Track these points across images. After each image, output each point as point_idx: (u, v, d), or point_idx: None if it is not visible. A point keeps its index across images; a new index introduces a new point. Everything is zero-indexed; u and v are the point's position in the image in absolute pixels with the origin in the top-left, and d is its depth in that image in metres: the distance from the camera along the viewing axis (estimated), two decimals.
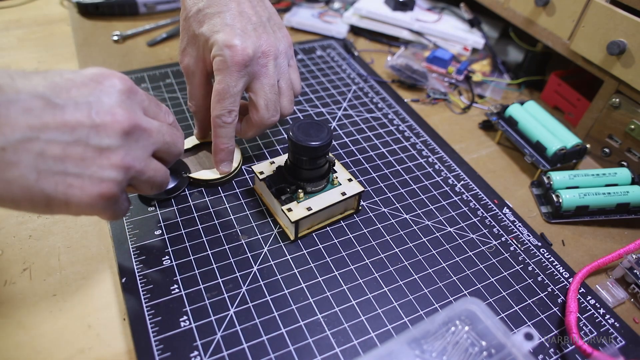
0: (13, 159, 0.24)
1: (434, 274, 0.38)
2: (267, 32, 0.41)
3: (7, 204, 0.26)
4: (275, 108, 0.42)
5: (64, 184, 0.26)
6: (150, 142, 0.31)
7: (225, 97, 0.39)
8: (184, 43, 0.42)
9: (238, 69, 0.38)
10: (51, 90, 0.26)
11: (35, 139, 0.25)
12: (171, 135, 0.33)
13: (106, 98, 0.28)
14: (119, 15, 0.69)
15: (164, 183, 0.34)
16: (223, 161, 0.42)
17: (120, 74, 0.30)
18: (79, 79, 0.28)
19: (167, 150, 0.33)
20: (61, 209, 0.27)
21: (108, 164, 0.28)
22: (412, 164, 0.49)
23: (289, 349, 0.33)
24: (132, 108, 0.29)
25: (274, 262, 0.38)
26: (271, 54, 0.40)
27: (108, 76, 0.29)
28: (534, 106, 0.53)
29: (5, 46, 0.62)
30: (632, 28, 0.45)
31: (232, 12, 0.39)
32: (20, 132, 0.24)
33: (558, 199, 0.44)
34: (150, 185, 0.32)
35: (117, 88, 0.29)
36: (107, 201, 0.29)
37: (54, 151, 0.26)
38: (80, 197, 0.27)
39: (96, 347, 0.32)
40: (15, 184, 0.25)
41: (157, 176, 0.32)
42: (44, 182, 0.26)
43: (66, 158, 0.26)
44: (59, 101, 0.26)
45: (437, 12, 0.72)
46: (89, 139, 0.27)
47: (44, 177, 0.25)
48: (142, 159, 0.30)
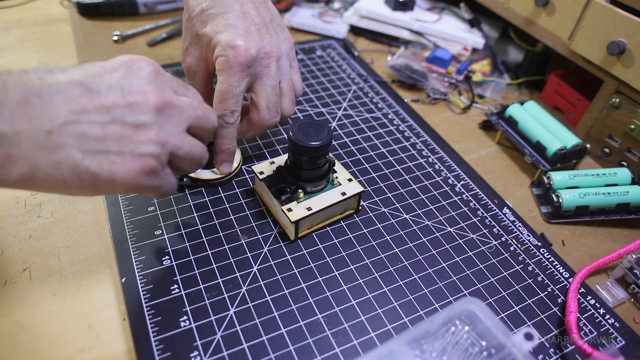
0: (59, 141, 0.26)
1: (434, 274, 0.38)
2: (270, 33, 0.41)
3: (59, 186, 0.28)
4: (277, 109, 0.42)
5: (107, 161, 0.28)
6: (183, 118, 0.32)
7: (228, 98, 0.39)
8: (187, 43, 0.42)
9: (241, 70, 0.38)
10: (87, 78, 0.28)
11: (76, 121, 0.27)
12: (202, 109, 0.35)
13: (136, 79, 0.30)
14: (119, 15, 0.69)
15: (203, 158, 0.35)
16: (224, 162, 0.42)
17: (147, 58, 0.32)
18: (109, 65, 0.30)
19: (200, 124, 0.34)
20: (108, 187, 0.29)
21: (145, 139, 0.30)
22: (412, 164, 0.49)
23: (289, 349, 0.33)
24: (161, 87, 0.31)
25: (274, 262, 0.38)
26: (274, 55, 0.41)
27: (136, 60, 0.31)
28: (534, 106, 0.53)
29: (5, 46, 0.62)
30: (632, 28, 0.45)
31: (235, 12, 0.40)
32: (63, 117, 0.27)
33: (558, 199, 0.44)
34: (190, 161, 0.34)
35: (146, 70, 0.31)
36: (148, 175, 0.30)
37: (94, 131, 0.28)
38: (123, 173, 0.29)
39: (96, 347, 0.32)
40: (64, 165, 0.27)
41: (194, 151, 0.34)
42: (89, 161, 0.28)
43: (106, 137, 0.28)
44: (94, 86, 0.28)
45: (437, 12, 0.72)
46: (125, 117, 0.29)
47: (88, 156, 0.28)
48: (177, 134, 0.32)
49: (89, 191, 0.29)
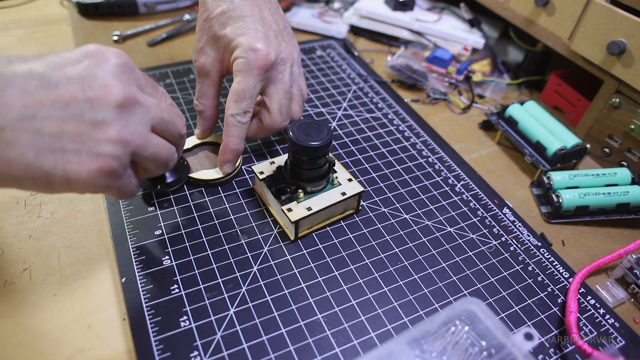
0: (11, 138, 0.25)
1: (434, 274, 0.38)
2: (285, 40, 0.43)
3: (12, 183, 0.26)
4: (288, 113, 0.43)
5: (63, 160, 0.26)
6: (148, 117, 0.30)
7: (244, 98, 0.40)
8: (202, 43, 0.42)
9: (259, 73, 0.39)
10: (46, 69, 0.26)
11: (31, 117, 0.25)
12: (170, 113, 0.32)
13: (100, 72, 0.28)
14: (119, 15, 0.69)
15: (170, 160, 0.33)
16: (229, 162, 0.42)
17: (115, 50, 0.30)
18: (73, 56, 0.28)
19: (165, 128, 0.32)
20: (62, 187, 0.27)
21: (104, 138, 0.27)
22: (412, 164, 0.49)
23: (289, 349, 0.33)
24: (127, 82, 0.29)
25: (274, 262, 0.38)
26: (289, 61, 0.42)
27: (103, 51, 0.29)
28: (534, 106, 0.53)
29: (5, 46, 0.62)
30: (632, 28, 0.45)
31: (255, 17, 0.41)
32: (16, 112, 0.25)
33: (558, 199, 0.44)
34: (155, 162, 0.32)
35: (112, 62, 0.29)
36: (107, 177, 0.28)
37: (50, 128, 0.26)
38: (79, 172, 0.27)
39: (96, 347, 0.32)
40: (15, 163, 0.25)
41: (160, 152, 0.32)
42: (42, 160, 0.26)
43: (62, 134, 0.26)
44: (53, 79, 0.26)
45: (437, 12, 0.72)
46: (84, 113, 0.27)
47: (42, 155, 0.26)
48: (141, 134, 0.30)
49: (43, 189, 0.27)
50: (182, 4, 0.72)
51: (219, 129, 0.49)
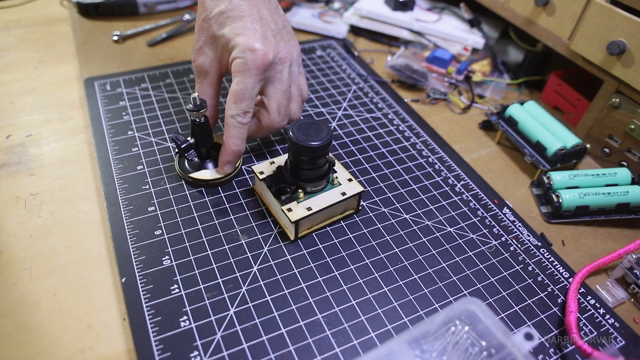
0: None
1: (434, 274, 0.38)
2: (284, 39, 0.43)
3: None
4: (286, 112, 0.44)
5: None
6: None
7: (243, 99, 0.40)
8: (200, 42, 0.42)
9: (257, 73, 0.40)
10: None
11: None
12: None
13: None
14: (119, 15, 0.69)
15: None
16: (229, 163, 0.42)
17: None
18: None
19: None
20: None
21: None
22: (412, 164, 0.49)
23: (289, 349, 0.33)
24: None
25: (274, 262, 0.38)
26: (287, 61, 0.42)
27: None
28: (534, 106, 0.53)
29: (5, 46, 0.62)
30: (632, 28, 0.45)
31: (253, 17, 0.41)
32: None
33: (558, 199, 0.44)
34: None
35: None
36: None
37: None
38: None
39: (96, 347, 0.32)
40: None
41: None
42: None
43: None
44: None
45: (437, 12, 0.72)
46: None
47: None
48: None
49: None
50: (182, 4, 0.72)
51: (219, 129, 0.49)
